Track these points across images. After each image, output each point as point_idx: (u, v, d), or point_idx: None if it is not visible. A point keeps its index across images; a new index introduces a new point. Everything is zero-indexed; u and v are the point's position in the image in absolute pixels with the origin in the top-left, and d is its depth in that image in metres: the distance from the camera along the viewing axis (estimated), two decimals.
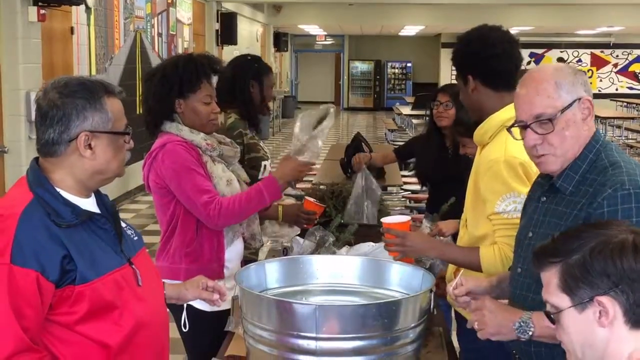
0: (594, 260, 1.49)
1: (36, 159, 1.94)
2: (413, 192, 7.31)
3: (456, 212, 3.12)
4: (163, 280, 2.31)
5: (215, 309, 2.83)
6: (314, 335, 2.31)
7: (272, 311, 2.40)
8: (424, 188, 4.82)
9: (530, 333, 1.96)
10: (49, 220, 1.81)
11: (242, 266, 3.00)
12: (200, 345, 2.70)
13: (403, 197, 7.21)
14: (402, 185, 7.09)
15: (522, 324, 1.97)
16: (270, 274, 2.79)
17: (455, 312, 2.88)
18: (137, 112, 10.63)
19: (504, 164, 2.54)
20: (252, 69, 3.84)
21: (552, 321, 1.58)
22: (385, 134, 17.06)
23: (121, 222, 2.04)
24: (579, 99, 2.02)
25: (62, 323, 1.85)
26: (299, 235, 3.59)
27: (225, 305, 2.83)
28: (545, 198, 2.15)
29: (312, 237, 3.36)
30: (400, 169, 6.69)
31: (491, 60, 2.68)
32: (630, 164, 2.01)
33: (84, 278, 1.83)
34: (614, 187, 1.93)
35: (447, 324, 3.04)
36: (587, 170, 2.03)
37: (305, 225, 3.62)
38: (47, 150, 1.88)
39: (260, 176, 3.77)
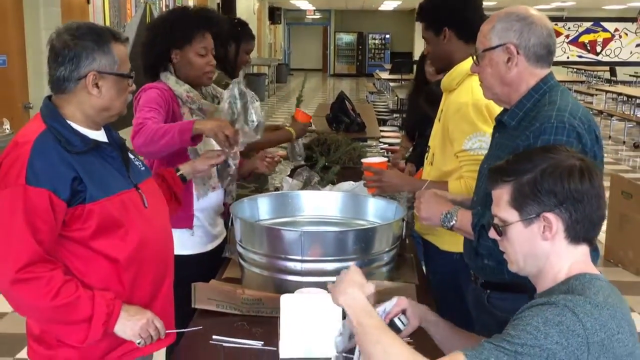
0: (544, 180, 1.47)
1: (49, 97, 1.90)
2: (390, 144, 7.26)
3: None
4: None
5: (214, 245, 2.85)
6: (299, 258, 2.30)
7: (263, 237, 2.39)
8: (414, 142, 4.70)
9: (452, 223, 2.05)
10: (60, 146, 1.79)
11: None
12: (203, 269, 2.67)
13: (381, 149, 7.17)
14: (380, 138, 7.05)
15: (447, 215, 2.06)
16: (262, 207, 2.77)
17: (423, 239, 2.87)
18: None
19: (472, 106, 2.52)
20: (233, 31, 3.71)
21: (499, 233, 1.56)
22: (367, 96, 17.09)
23: (129, 154, 2.01)
24: (504, 44, 1.98)
25: (75, 239, 1.83)
26: (288, 175, 3.57)
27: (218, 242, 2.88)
28: (497, 134, 2.14)
29: (300, 176, 3.33)
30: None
31: (467, 13, 2.66)
32: (566, 103, 1.95)
33: (93, 197, 1.80)
34: (541, 121, 1.90)
35: (418, 253, 3.03)
36: (530, 109, 2.00)
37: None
38: (58, 86, 1.85)
39: None
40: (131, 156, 2.00)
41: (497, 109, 2.24)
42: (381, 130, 7.66)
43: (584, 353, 1.32)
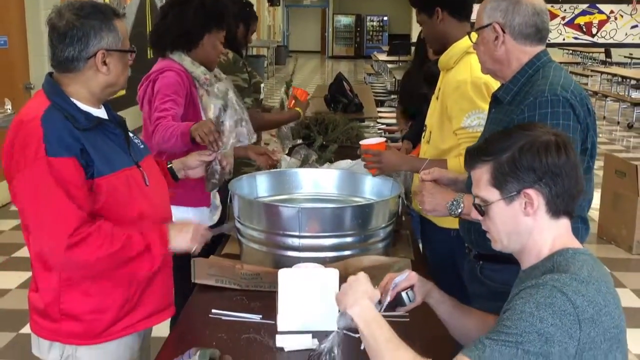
0: (522, 157, 1.47)
1: (50, 74, 1.88)
2: (388, 125, 7.24)
3: None
4: None
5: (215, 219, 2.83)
6: (297, 233, 2.30)
7: (262, 214, 2.39)
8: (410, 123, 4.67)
9: (460, 210, 2.01)
10: (67, 121, 1.77)
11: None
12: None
13: (379, 129, 7.15)
14: (377, 118, 7.02)
15: (454, 202, 2.02)
16: (261, 184, 2.77)
17: (420, 216, 2.87)
18: (148, 57, 10.48)
19: (470, 84, 2.52)
20: (243, 12, 3.74)
21: (481, 213, 1.56)
22: (365, 77, 16.99)
23: (128, 132, 1.99)
24: (491, 23, 2.00)
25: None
26: (286, 153, 3.58)
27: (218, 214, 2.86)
28: (494, 109, 2.14)
29: (298, 155, 3.34)
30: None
31: None
32: (559, 78, 1.96)
33: (100, 172, 1.80)
34: (534, 96, 1.91)
35: (415, 231, 3.03)
36: (524, 83, 2.00)
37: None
38: (65, 66, 1.82)
39: (260, 97, 3.84)
40: (130, 134, 1.99)
41: (496, 86, 2.24)
42: (379, 111, 7.64)
43: (576, 331, 1.33)
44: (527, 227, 1.49)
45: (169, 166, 2.32)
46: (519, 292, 1.42)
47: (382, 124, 7.37)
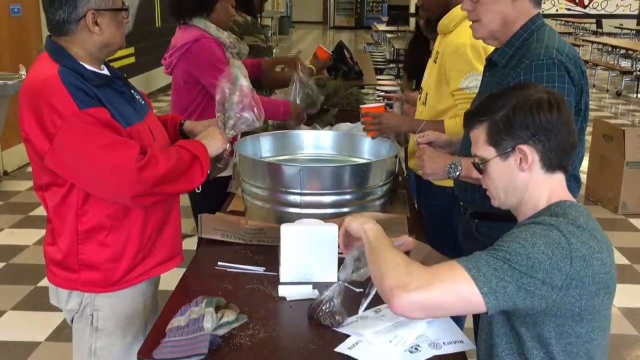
0: (516, 115, 1.47)
1: (50, 36, 1.84)
2: (387, 92, 7.20)
3: None
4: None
5: (222, 174, 2.81)
6: (299, 191, 2.31)
7: (265, 173, 2.39)
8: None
9: (458, 173, 1.98)
10: (82, 78, 1.74)
11: None
12: (208, 205, 2.68)
13: (378, 96, 7.11)
14: (376, 86, 6.99)
15: (452, 166, 1.98)
16: (264, 145, 2.77)
17: (417, 175, 2.87)
18: (157, 25, 10.39)
19: (469, 47, 2.51)
20: None
21: (480, 171, 1.56)
22: (365, 47, 16.87)
23: (131, 88, 1.96)
24: None
25: None
26: None
27: (226, 173, 2.82)
28: (488, 73, 2.12)
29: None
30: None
31: None
32: (553, 41, 1.94)
33: (120, 124, 1.78)
34: (530, 59, 1.89)
35: (412, 190, 3.03)
36: (519, 47, 1.98)
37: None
38: (60, 30, 1.78)
39: None
40: (132, 90, 1.95)
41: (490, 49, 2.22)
42: (378, 79, 7.60)
43: (566, 265, 1.33)
44: (523, 181, 1.50)
45: (180, 124, 2.27)
46: (518, 227, 1.43)
47: (381, 90, 7.33)
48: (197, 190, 2.20)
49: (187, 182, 1.85)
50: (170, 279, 2.13)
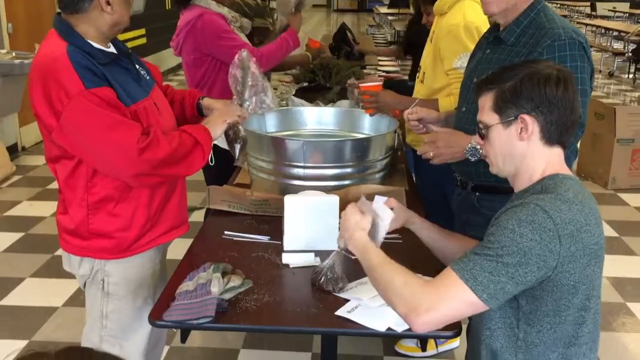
0: (523, 86, 1.46)
1: (59, 14, 1.81)
2: (387, 72, 7.15)
3: None
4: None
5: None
6: (302, 164, 2.30)
7: (270, 147, 2.39)
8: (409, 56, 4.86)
9: (479, 155, 1.93)
10: (90, 56, 1.73)
11: None
12: (218, 176, 2.68)
13: (379, 76, 7.06)
14: (377, 66, 6.93)
15: (473, 148, 1.86)
16: (269, 121, 2.76)
17: (414, 150, 2.87)
18: (167, 7, 10.31)
19: (463, 28, 2.49)
20: None
21: (482, 136, 1.55)
22: (367, 29, 16.74)
23: (136, 64, 1.94)
24: None
25: None
26: (293, 95, 3.55)
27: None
28: (489, 50, 2.09)
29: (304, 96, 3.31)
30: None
31: None
32: (564, 21, 1.94)
33: (125, 104, 1.76)
34: (552, 38, 1.87)
35: (409, 165, 3.02)
36: (527, 25, 1.96)
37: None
38: (73, 8, 1.76)
39: None
40: (137, 65, 1.93)
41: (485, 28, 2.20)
42: (379, 59, 7.54)
43: (556, 245, 1.33)
44: (522, 151, 1.48)
45: (199, 99, 2.20)
46: (506, 210, 1.42)
47: (382, 71, 7.29)
48: (210, 164, 2.20)
49: (187, 166, 1.84)
50: (179, 249, 2.14)
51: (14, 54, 5.32)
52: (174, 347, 2.95)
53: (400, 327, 1.55)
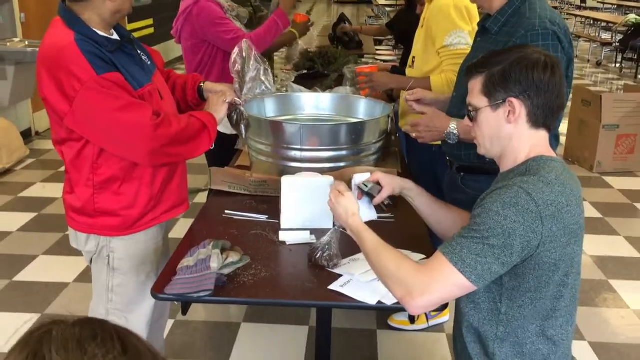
0: (512, 70, 1.45)
1: (63, 2, 1.80)
2: (384, 61, 7.12)
3: None
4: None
5: (232, 132, 2.81)
6: (299, 147, 2.29)
7: (269, 130, 2.37)
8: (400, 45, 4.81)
9: (456, 139, 1.99)
10: (97, 44, 1.71)
11: None
12: (219, 158, 2.68)
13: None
14: (375, 55, 6.90)
15: (449, 134, 1.99)
16: (268, 106, 2.74)
17: (406, 133, 2.86)
18: None
19: (453, 7, 2.47)
20: None
21: (471, 119, 1.54)
22: (366, 20, 16.67)
23: (138, 49, 1.92)
24: None
25: None
26: (292, 81, 3.53)
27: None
28: (479, 38, 2.08)
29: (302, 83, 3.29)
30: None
31: None
32: (545, 11, 1.90)
33: (133, 87, 1.75)
34: (526, 29, 1.85)
35: (402, 149, 3.02)
36: (512, 15, 1.94)
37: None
38: None
39: None
40: (139, 51, 1.92)
41: (474, 11, 2.19)
42: (376, 49, 7.51)
43: (538, 226, 1.33)
44: (508, 133, 1.48)
45: (200, 82, 2.19)
46: (491, 192, 1.42)
47: (380, 60, 7.26)
48: (212, 147, 2.19)
49: (195, 147, 1.84)
50: (182, 228, 2.15)
51: (26, 42, 5.30)
52: (178, 321, 2.97)
53: (389, 300, 1.56)
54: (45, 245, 3.77)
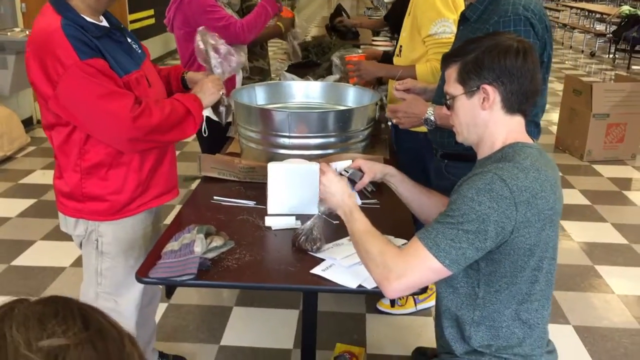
0: (485, 57, 1.44)
1: None
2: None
3: None
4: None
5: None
6: (287, 134, 2.28)
7: (258, 118, 2.36)
8: (396, 35, 4.73)
9: (433, 125, 2.00)
10: (83, 29, 1.69)
11: None
12: (212, 146, 2.66)
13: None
14: (372, 45, 6.86)
15: (427, 120, 2.00)
16: (259, 94, 2.73)
17: (395, 125, 2.84)
18: None
19: None
20: None
21: (448, 107, 1.53)
22: (364, 11, 16.51)
23: (127, 37, 1.89)
24: None
25: None
26: (285, 70, 3.51)
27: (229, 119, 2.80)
28: (461, 27, 2.06)
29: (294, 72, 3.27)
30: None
31: None
32: None
33: (117, 74, 1.73)
34: (499, 15, 1.84)
35: (392, 137, 3.00)
36: (490, 2, 1.92)
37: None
38: None
39: None
40: (129, 39, 1.89)
41: (460, 0, 2.17)
42: (373, 39, 7.45)
43: (512, 212, 1.32)
44: (484, 120, 1.47)
45: (183, 73, 2.17)
46: (468, 179, 1.41)
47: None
48: (204, 134, 2.17)
49: (179, 133, 1.81)
50: (174, 215, 2.13)
51: (27, 32, 5.26)
52: (172, 304, 2.97)
53: (370, 284, 1.55)
54: (43, 230, 3.76)
